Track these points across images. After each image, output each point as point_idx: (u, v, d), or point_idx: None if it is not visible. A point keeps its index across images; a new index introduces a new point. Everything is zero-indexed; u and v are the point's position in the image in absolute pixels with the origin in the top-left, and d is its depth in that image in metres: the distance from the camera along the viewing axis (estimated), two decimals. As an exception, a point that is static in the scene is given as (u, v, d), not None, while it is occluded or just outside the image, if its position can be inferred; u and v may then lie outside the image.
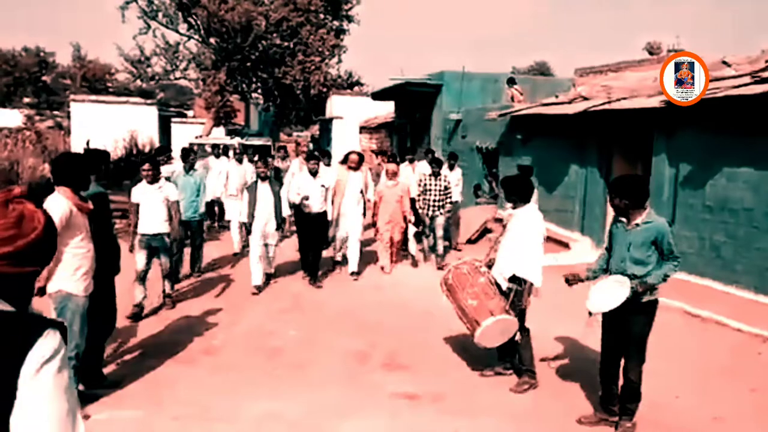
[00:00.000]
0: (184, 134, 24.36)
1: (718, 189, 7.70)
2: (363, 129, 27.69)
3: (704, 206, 7.90)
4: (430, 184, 9.70)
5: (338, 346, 6.08)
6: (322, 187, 8.51)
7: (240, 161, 11.56)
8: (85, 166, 4.40)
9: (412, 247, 10.14)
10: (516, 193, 5.10)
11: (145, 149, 19.92)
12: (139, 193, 6.91)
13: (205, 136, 22.75)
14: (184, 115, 30.43)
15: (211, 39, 25.41)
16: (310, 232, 8.47)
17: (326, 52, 26.10)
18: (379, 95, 20.69)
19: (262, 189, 7.99)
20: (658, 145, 8.74)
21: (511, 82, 15.79)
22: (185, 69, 27.86)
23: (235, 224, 10.34)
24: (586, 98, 10.58)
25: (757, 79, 7.24)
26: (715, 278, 7.66)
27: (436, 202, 9.69)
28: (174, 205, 7.00)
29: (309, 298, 7.91)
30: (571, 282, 4.66)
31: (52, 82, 49.47)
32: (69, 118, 25.33)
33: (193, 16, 25.10)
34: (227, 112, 29.08)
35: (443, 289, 5.47)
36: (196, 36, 26.05)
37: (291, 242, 8.93)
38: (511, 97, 15.16)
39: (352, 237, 8.97)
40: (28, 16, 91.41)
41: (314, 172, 8.45)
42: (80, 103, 24.56)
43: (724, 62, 8.50)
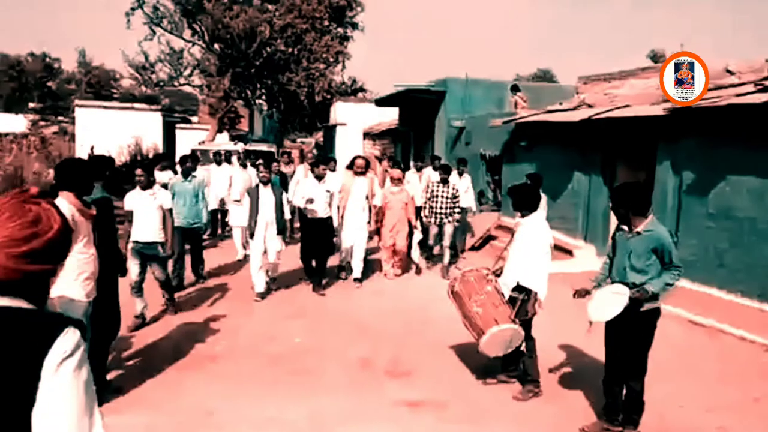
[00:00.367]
0: (189, 140, 24.38)
1: (722, 197, 7.69)
2: (367, 135, 27.76)
3: (708, 214, 7.88)
4: (438, 191, 9.51)
5: (341, 353, 6.08)
6: (327, 192, 8.53)
7: (244, 166, 11.59)
8: (89, 172, 4.40)
9: (415, 255, 10.10)
10: (523, 202, 5.07)
11: (150, 155, 19.98)
12: (133, 200, 6.73)
13: (209, 142, 22.83)
14: (189, 121, 30.48)
15: (216, 45, 25.50)
16: (315, 238, 8.47)
17: (330, 59, 26.14)
18: (383, 102, 20.80)
19: (264, 193, 8.02)
20: (662, 153, 8.74)
21: (515, 89, 15.83)
22: (190, 75, 28.07)
23: (237, 231, 10.36)
24: (591, 106, 10.58)
25: (760, 87, 7.21)
26: (718, 286, 7.63)
27: (443, 209, 9.45)
28: (167, 213, 6.80)
29: (312, 305, 7.92)
30: (581, 296, 4.61)
31: (58, 88, 49.74)
32: (74, 123, 25.48)
33: (198, 23, 25.20)
34: (232, 118, 29.14)
35: (450, 296, 5.47)
36: (200, 42, 26.15)
37: (295, 248, 8.95)
38: (515, 104, 15.20)
39: (356, 244, 8.98)
40: (34, 22, 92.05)
41: (321, 177, 8.48)
42: (85, 109, 24.70)
43: (728, 70, 8.49)
